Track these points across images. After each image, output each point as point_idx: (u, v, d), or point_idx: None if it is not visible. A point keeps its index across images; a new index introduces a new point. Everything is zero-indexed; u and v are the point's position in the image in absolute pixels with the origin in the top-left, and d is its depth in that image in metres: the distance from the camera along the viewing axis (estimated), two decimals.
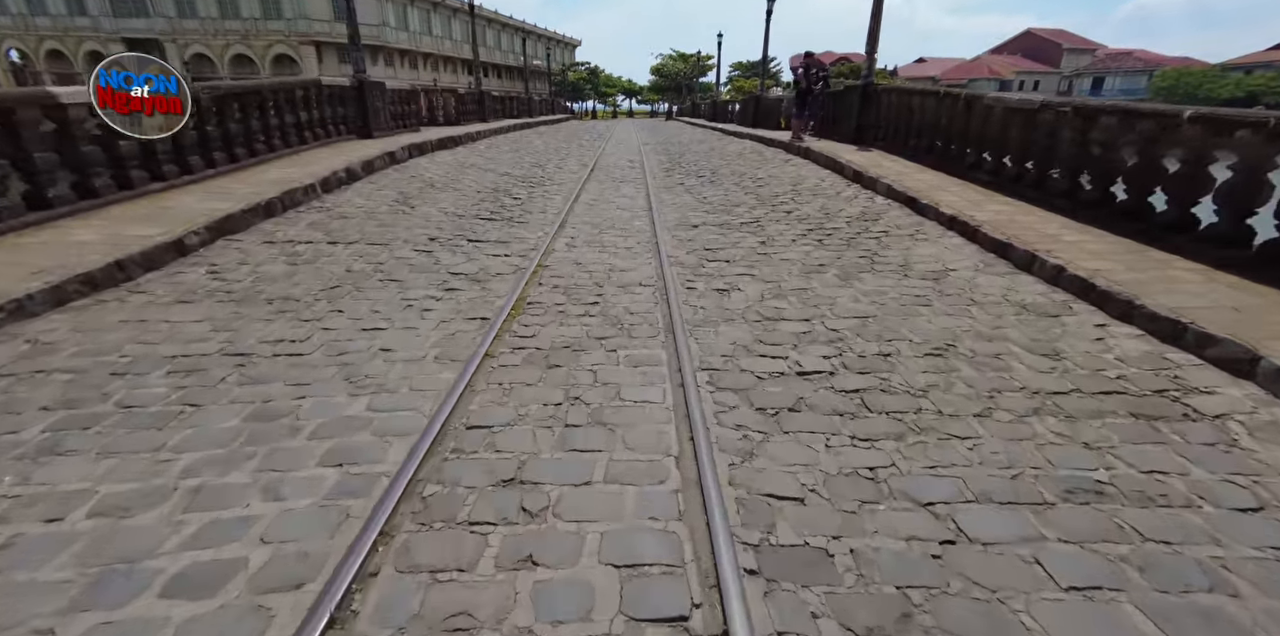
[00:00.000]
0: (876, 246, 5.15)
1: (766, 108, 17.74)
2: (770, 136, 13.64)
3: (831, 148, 10.01)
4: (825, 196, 7.16)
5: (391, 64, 43.12)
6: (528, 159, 11.61)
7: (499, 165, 10.24)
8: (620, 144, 17.35)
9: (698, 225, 6.15)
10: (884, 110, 9.59)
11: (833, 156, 8.90)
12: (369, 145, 9.30)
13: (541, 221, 6.30)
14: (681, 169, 10.68)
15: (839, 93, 11.56)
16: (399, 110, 11.98)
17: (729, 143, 14.90)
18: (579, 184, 8.68)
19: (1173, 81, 54.16)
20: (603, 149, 15.06)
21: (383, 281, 4.23)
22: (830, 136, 11.57)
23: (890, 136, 9.37)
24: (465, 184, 8.17)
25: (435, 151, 10.73)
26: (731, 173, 9.60)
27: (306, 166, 7.26)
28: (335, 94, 9.33)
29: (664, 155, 13.38)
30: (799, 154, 10.45)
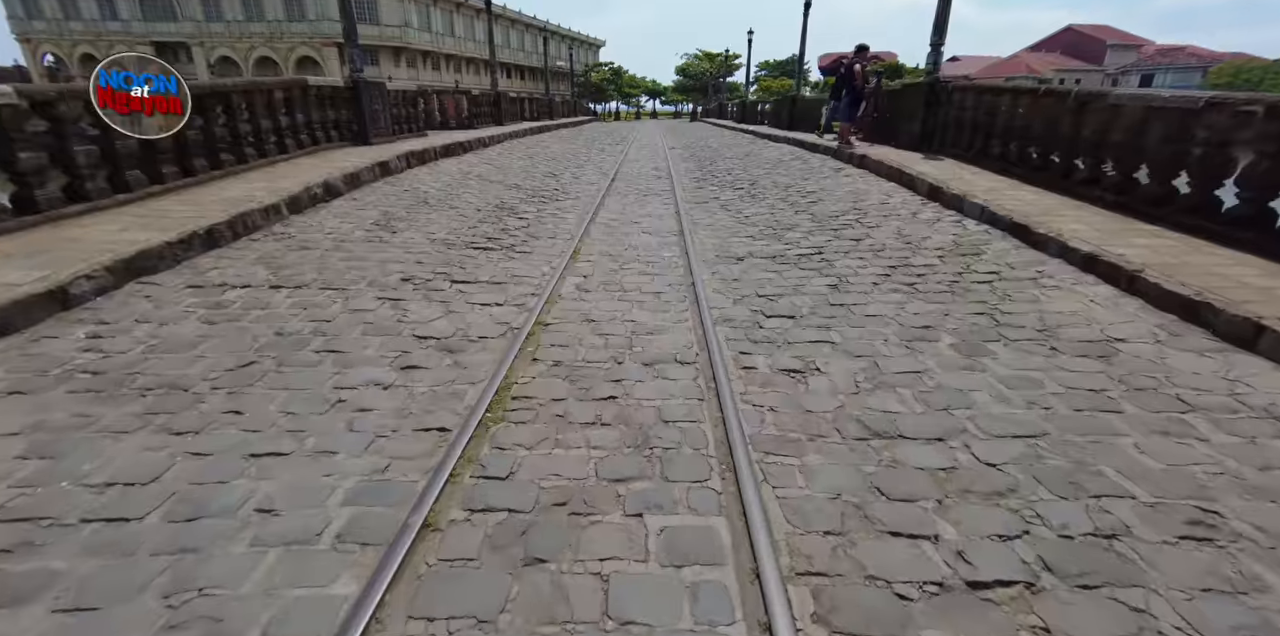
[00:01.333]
0: (992, 296, 3.82)
1: (803, 109, 16.35)
2: (811, 141, 12.29)
3: (891, 155, 8.64)
4: (899, 218, 5.83)
5: (414, 65, 42.67)
6: (542, 167, 10.44)
7: (508, 175, 9.08)
8: (644, 148, 16.13)
9: (743, 257, 4.89)
10: (956, 112, 8.19)
11: (897, 166, 7.54)
12: (361, 154, 8.23)
13: (548, 251, 5.09)
14: (714, 179, 9.41)
15: (896, 92, 10.15)
16: (402, 114, 10.93)
17: (765, 147, 13.56)
18: (597, 198, 7.47)
19: (1230, 78, 51.36)
20: (625, 154, 13.86)
21: (319, 353, 3.05)
22: (885, 142, 10.17)
23: (965, 143, 7.97)
24: (465, 200, 7.01)
25: (438, 159, 9.63)
26: (774, 184, 8.30)
27: (278, 181, 6.18)
28: (326, 96, 8.27)
29: (692, 162, 12.12)
30: (851, 162, 9.09)
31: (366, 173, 7.12)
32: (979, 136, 7.59)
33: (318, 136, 8.12)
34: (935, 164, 7.68)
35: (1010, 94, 6.83)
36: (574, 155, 13.05)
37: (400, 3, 38.68)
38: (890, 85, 10.71)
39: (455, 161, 9.82)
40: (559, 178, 9.32)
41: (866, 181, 7.76)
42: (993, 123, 7.26)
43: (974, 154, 7.64)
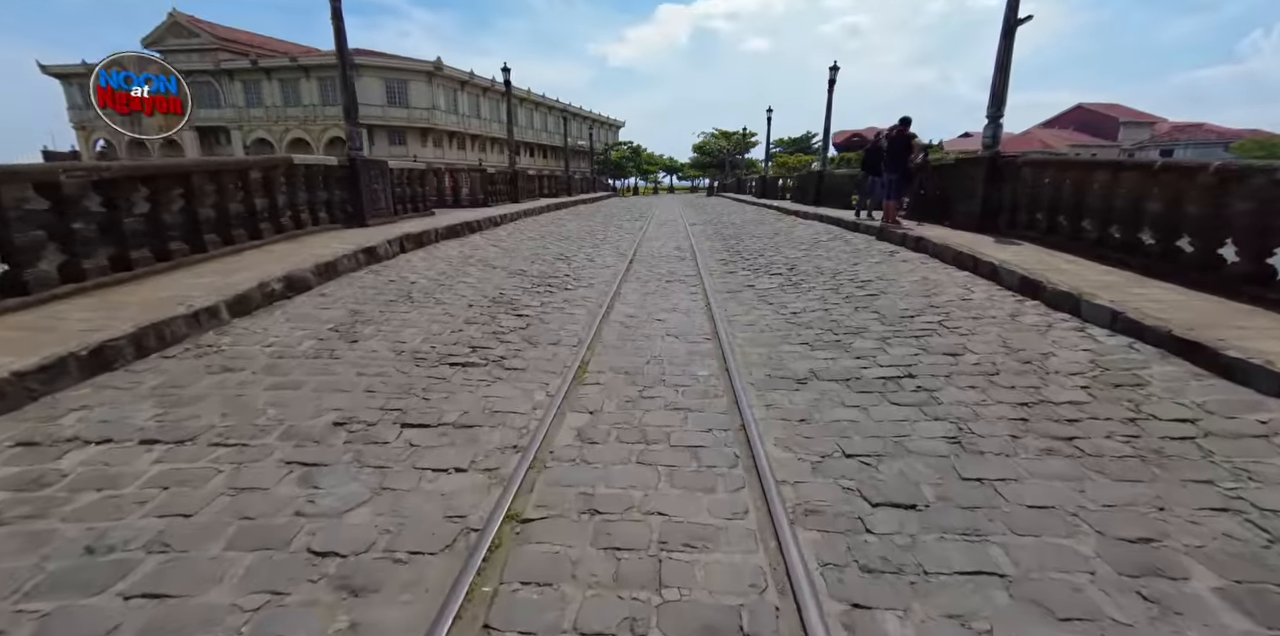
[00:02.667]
0: (1216, 470, 2.47)
1: (831, 185, 15.70)
2: (845, 218, 11.39)
3: (952, 237, 7.56)
4: (995, 322, 4.59)
5: (440, 145, 44.38)
6: (553, 248, 9.55)
7: (514, 259, 8.15)
8: (664, 225, 15.44)
9: (804, 380, 3.64)
10: (1027, 189, 7.15)
11: (967, 251, 6.41)
12: (350, 237, 7.38)
13: (547, 366, 3.91)
14: (744, 261, 8.37)
15: (947, 167, 9.26)
16: (407, 193, 10.30)
17: (795, 225, 12.70)
18: (613, 286, 6.40)
19: (1253, 153, 51.29)
20: (644, 231, 13.09)
21: (129, 600, 1.79)
22: (936, 221, 9.16)
23: (1043, 225, 6.87)
24: (457, 291, 5.97)
25: (440, 241, 8.79)
26: (817, 270, 7.20)
27: (235, 273, 5.21)
28: (317, 175, 7.57)
29: (717, 240, 11.21)
30: (905, 244, 8.02)
31: (347, 261, 6.17)
32: (1062, 217, 6.48)
33: (303, 219, 7.33)
34: (1013, 249, 6.53)
35: (1109, 169, 5.76)
36: (590, 234, 12.28)
37: (429, 87, 40.78)
38: (940, 159, 9.87)
39: (458, 244, 8.97)
40: (571, 261, 8.36)
41: (931, 268, 6.61)
42: (1081, 201, 6.16)
43: (1057, 237, 6.50)
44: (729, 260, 8.57)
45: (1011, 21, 7.35)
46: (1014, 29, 7.35)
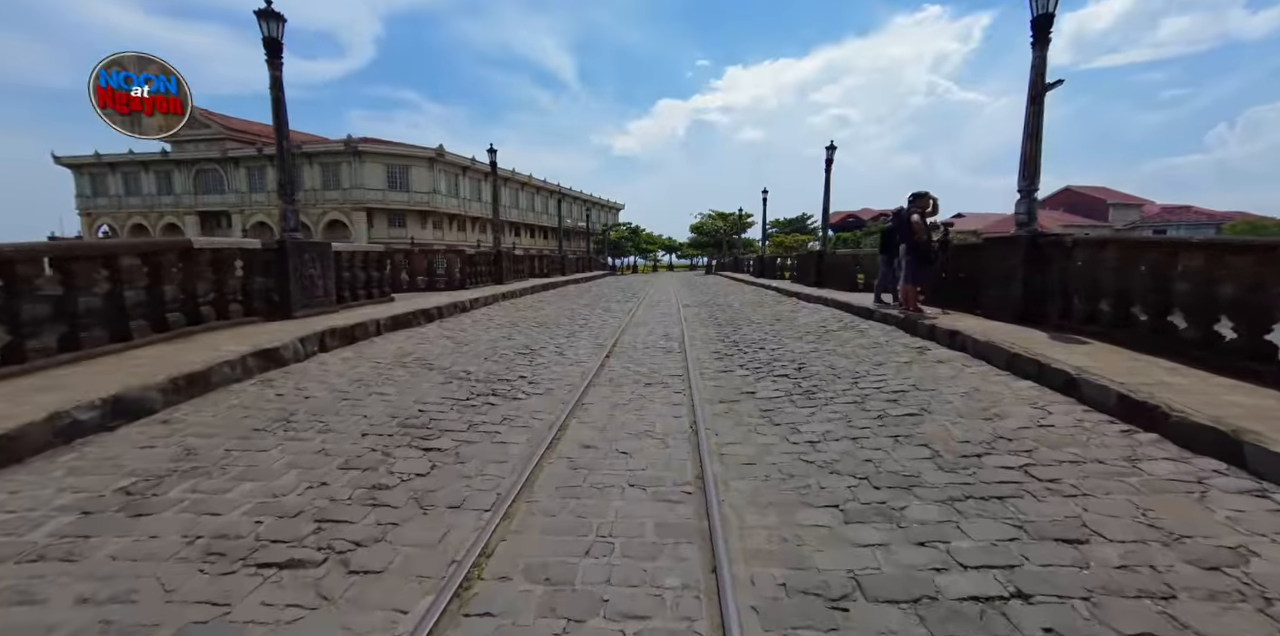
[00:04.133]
0: None
1: (834, 265, 14.73)
2: (853, 302, 10.18)
3: (993, 331, 6.24)
4: (1107, 471, 3.11)
5: (440, 227, 44.81)
6: (520, 338, 8.23)
7: (463, 356, 6.79)
8: (655, 307, 14.28)
9: (845, 602, 2.12)
10: (1082, 273, 5.91)
11: (1024, 352, 5.04)
12: (258, 334, 6.07)
13: (418, 569, 2.40)
14: (742, 354, 7.01)
15: (974, 248, 8.13)
16: (359, 277, 9.16)
17: (798, 309, 11.50)
18: (576, 393, 4.99)
19: (1246, 233, 52.09)
20: (632, 314, 11.87)
21: None
22: (960, 308, 7.91)
23: (1109, 317, 5.55)
24: (362, 409, 4.54)
25: (383, 334, 7.50)
26: (832, 370, 5.81)
27: (35, 394, 3.81)
28: (230, 260, 6.39)
29: (712, 326, 9.93)
30: (935, 338, 6.68)
31: (228, 368, 4.80)
32: (1138, 308, 5.18)
33: (204, 313, 6.07)
34: (1082, 350, 5.17)
35: (1204, 251, 4.52)
36: (570, 318, 11.04)
37: (431, 172, 41.75)
38: (963, 238, 8.80)
39: (404, 336, 7.67)
40: (535, 356, 7.00)
41: (979, 373, 5.21)
42: (1164, 289, 4.88)
43: (1131, 333, 5.17)
44: (724, 353, 7.21)
45: (1040, 87, 6.52)
46: (1042, 95, 6.52)
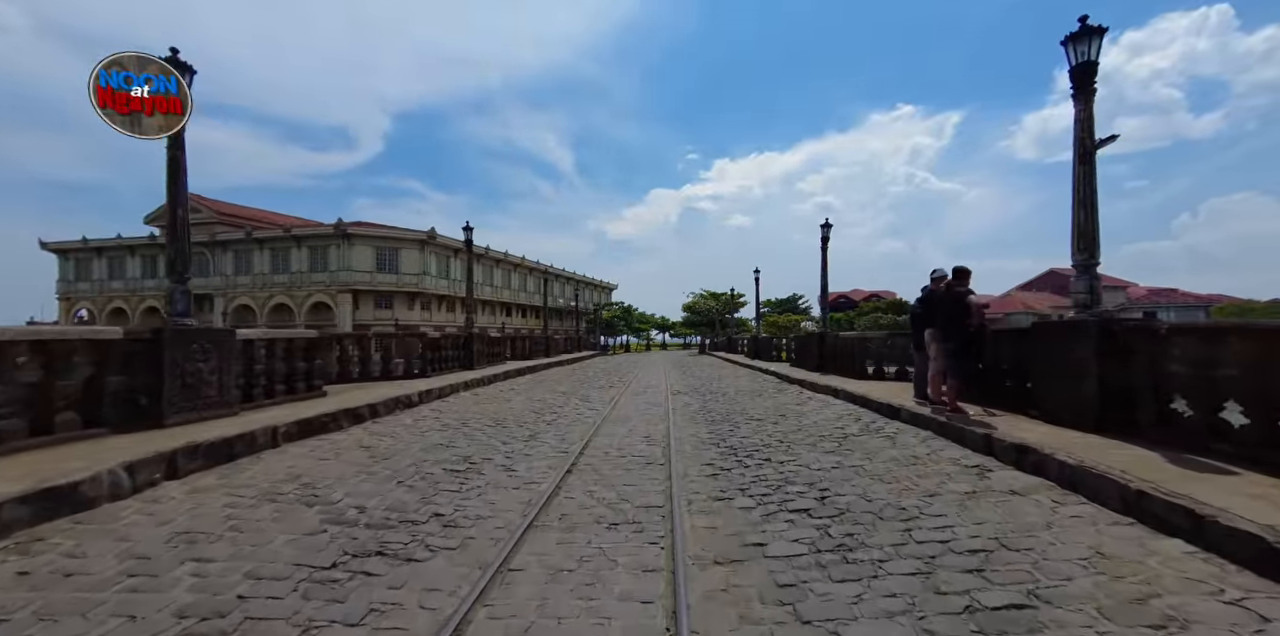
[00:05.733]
0: None
1: (837, 349, 13.36)
2: (872, 395, 8.67)
3: (1069, 443, 4.69)
4: None
5: (428, 308, 43.90)
6: (460, 445, 6.56)
7: (371, 478, 5.12)
8: (641, 394, 12.67)
9: None
10: (1190, 371, 4.44)
11: (1144, 486, 3.48)
12: (70, 457, 4.43)
13: None
14: (745, 470, 5.37)
15: (1021, 332, 6.71)
16: (276, 370, 7.60)
17: (804, 401, 9.94)
18: (500, 553, 3.31)
19: (1233, 315, 52.37)
20: (614, 405, 10.24)
21: None
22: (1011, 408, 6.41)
23: (1248, 434, 4.01)
24: (135, 606, 2.85)
25: (279, 445, 5.85)
26: (864, 500, 4.18)
27: None
28: (61, 355, 4.82)
29: (704, 424, 8.30)
30: (995, 454, 5.09)
31: None
32: None
33: (35, 426, 4.47)
34: (1231, 483, 3.61)
35: None
36: (537, 413, 9.40)
37: (421, 254, 41.49)
38: (1005, 322, 7.46)
39: (310, 447, 6.03)
40: (472, 474, 5.33)
41: (1081, 516, 3.60)
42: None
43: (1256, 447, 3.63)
44: (720, 467, 5.56)
45: (1089, 146, 5.50)
46: (1093, 153, 5.48)
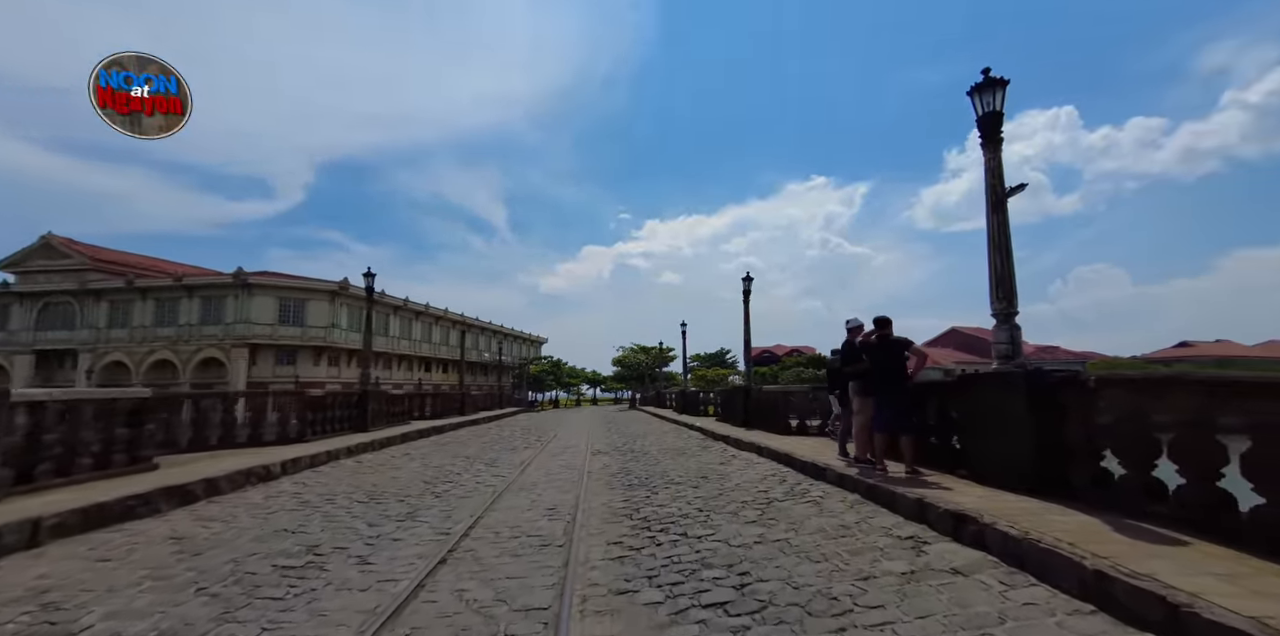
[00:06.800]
0: None
1: (762, 403, 12.91)
2: (797, 453, 8.09)
3: (1008, 509, 4.19)
4: None
5: (336, 363, 40.71)
6: (310, 530, 5.26)
7: (160, 586, 3.79)
8: (558, 456, 11.53)
9: None
10: (1122, 428, 4.06)
11: (1100, 566, 2.93)
12: None
13: None
14: (657, 549, 4.48)
15: (946, 385, 6.35)
16: (79, 439, 6.06)
17: (729, 459, 9.21)
18: None
19: (1107, 370, 57.77)
20: (523, 470, 9.08)
21: None
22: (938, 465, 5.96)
23: (1193, 497, 3.57)
24: None
25: (38, 545, 4.42)
26: (791, 588, 3.40)
27: None
28: None
29: (620, 490, 7.34)
30: (928, 521, 4.48)
31: None
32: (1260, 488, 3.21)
33: None
34: (1188, 556, 3.12)
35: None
36: (429, 483, 8.11)
37: (332, 306, 38.78)
38: (932, 373, 7.13)
39: (91, 543, 4.59)
40: (311, 574, 4.12)
41: (1037, 604, 2.99)
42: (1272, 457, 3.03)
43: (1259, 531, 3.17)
44: (630, 546, 4.63)
45: (1000, 194, 5.40)
46: (1004, 201, 5.38)
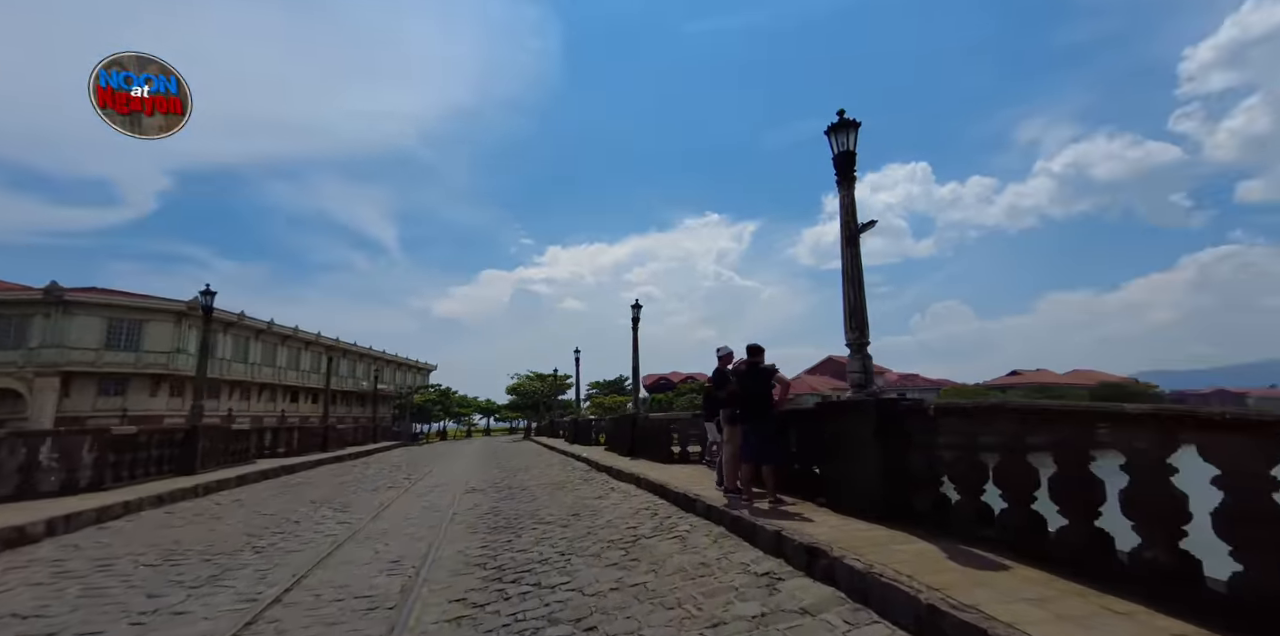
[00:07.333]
0: None
1: (649, 431, 12.64)
2: (671, 484, 7.82)
3: (858, 539, 4.09)
4: None
5: (180, 394, 35.55)
6: (52, 614, 4.10)
7: None
8: (426, 495, 10.45)
9: None
10: (959, 456, 4.10)
11: (932, 599, 2.81)
12: None
13: None
14: (503, 601, 3.95)
15: (804, 413, 6.28)
16: None
17: (608, 493, 8.73)
18: None
19: (952, 395, 65.03)
20: (381, 512, 8.01)
21: None
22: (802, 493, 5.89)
23: (1011, 521, 3.61)
24: None
25: None
26: None
27: None
28: None
29: (484, 532, 6.62)
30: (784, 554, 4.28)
31: None
32: (1068, 515, 3.22)
33: None
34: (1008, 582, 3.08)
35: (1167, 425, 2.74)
36: (254, 535, 6.88)
37: (177, 328, 34.03)
38: (794, 403, 7.14)
39: None
40: None
41: None
42: (1070, 479, 3.08)
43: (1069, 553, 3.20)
44: (473, 608, 4.00)
45: (853, 229, 5.56)
46: (856, 236, 5.55)
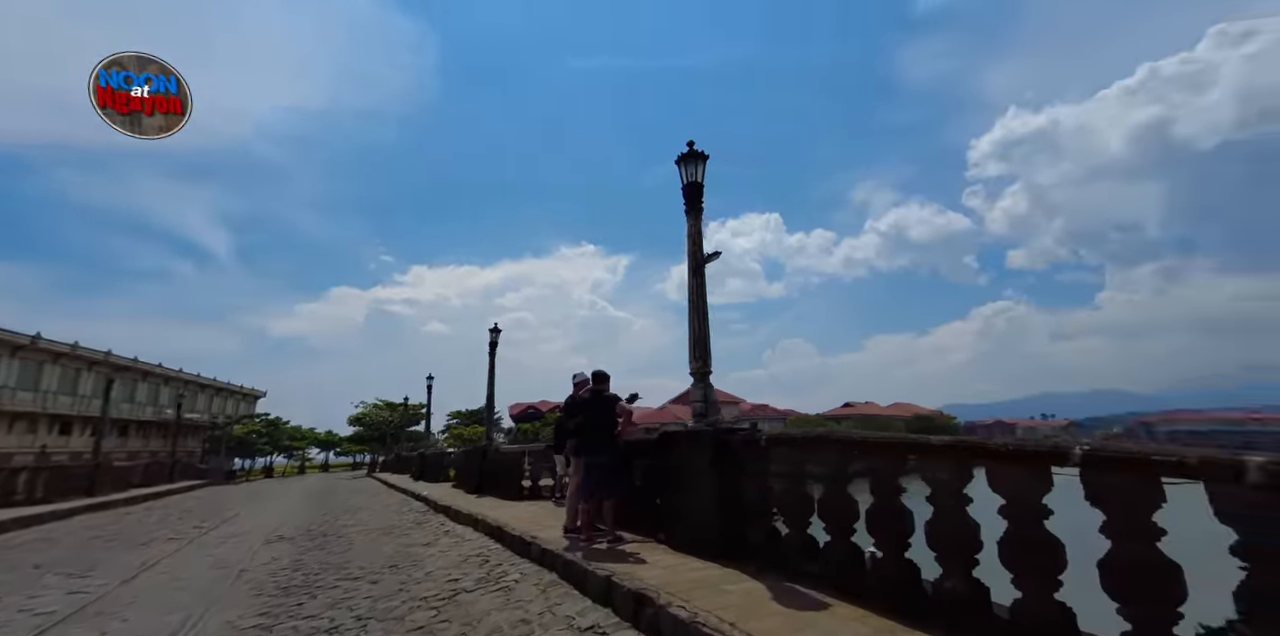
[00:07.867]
0: None
1: (500, 465, 11.87)
2: (510, 525, 7.30)
3: (690, 581, 3.96)
4: None
5: None
6: None
7: None
8: (215, 547, 8.79)
9: None
10: (787, 487, 4.18)
11: None
12: None
13: None
14: None
15: (648, 444, 6.18)
16: None
17: (438, 539, 7.91)
18: None
19: (796, 425, 70.87)
20: (134, 576, 6.51)
21: None
22: (646, 530, 5.72)
23: (833, 552, 3.74)
24: None
25: None
26: None
27: None
28: None
29: (267, 597, 5.57)
30: (613, 603, 4.03)
31: None
32: (881, 549, 3.36)
33: None
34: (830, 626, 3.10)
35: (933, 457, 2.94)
36: None
37: None
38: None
39: None
40: None
41: None
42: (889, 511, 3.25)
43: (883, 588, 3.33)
44: None
45: (700, 259, 5.71)
46: (702, 266, 5.70)
